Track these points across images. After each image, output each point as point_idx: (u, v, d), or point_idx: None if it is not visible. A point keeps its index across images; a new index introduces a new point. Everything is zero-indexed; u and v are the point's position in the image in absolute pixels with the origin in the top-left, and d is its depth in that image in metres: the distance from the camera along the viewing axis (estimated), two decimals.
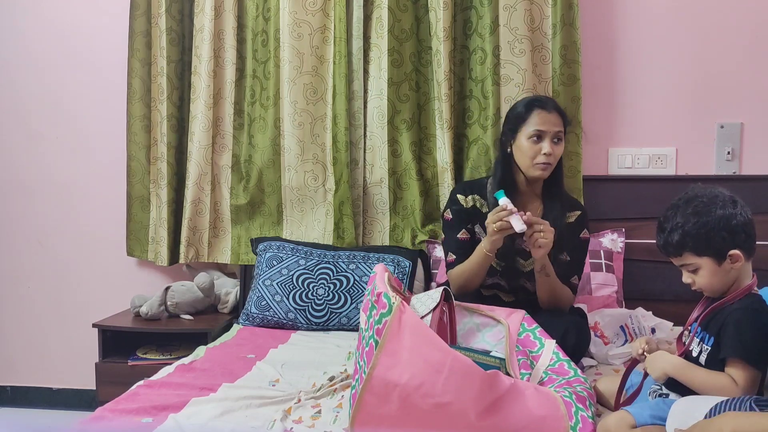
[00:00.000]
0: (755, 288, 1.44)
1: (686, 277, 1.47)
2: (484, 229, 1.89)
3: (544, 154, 1.87)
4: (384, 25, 2.50)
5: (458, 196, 2.05)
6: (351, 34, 2.57)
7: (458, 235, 2.03)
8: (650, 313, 2.25)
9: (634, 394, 1.51)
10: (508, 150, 1.96)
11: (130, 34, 2.71)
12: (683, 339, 1.52)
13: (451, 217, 2.05)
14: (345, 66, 2.54)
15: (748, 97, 2.49)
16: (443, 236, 2.11)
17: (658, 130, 2.56)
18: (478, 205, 2.04)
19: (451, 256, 2.04)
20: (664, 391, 1.47)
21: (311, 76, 2.59)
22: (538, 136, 1.88)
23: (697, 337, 1.45)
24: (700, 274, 1.42)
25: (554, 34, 2.43)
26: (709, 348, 1.40)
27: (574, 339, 1.82)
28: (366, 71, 2.59)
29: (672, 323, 2.19)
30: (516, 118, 1.94)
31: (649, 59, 2.54)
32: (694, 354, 1.44)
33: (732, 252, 1.38)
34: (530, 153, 1.89)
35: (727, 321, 1.38)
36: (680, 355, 1.46)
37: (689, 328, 1.51)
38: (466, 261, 1.96)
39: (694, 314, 1.52)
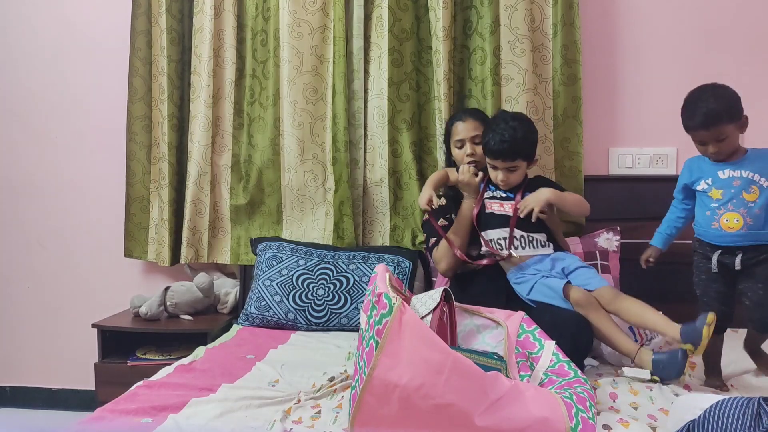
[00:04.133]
0: None
1: (502, 176, 2.04)
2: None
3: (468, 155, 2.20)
4: (384, 24, 2.50)
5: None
6: (351, 33, 2.57)
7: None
8: None
9: None
10: None
11: (131, 33, 2.71)
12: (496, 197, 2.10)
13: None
14: (345, 65, 2.54)
15: (749, 97, 2.48)
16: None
17: (659, 129, 2.55)
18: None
19: (433, 240, 2.22)
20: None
21: (311, 76, 2.59)
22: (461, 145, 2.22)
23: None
24: (518, 173, 2.05)
25: (555, 34, 2.43)
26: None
27: (572, 343, 1.77)
28: (366, 71, 2.58)
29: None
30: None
31: (650, 59, 2.54)
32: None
33: (537, 157, 2.12)
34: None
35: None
36: (515, 210, 2.02)
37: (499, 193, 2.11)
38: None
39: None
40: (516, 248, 2.01)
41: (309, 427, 1.49)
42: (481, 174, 2.12)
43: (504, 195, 2.10)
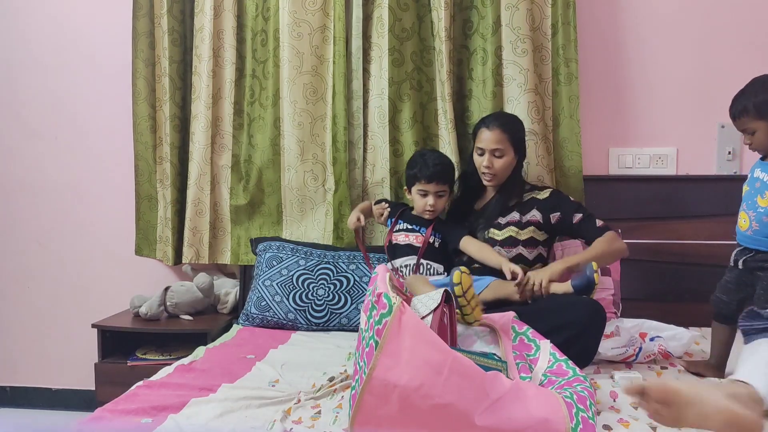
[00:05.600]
0: None
1: (432, 201, 2.22)
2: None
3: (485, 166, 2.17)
4: (384, 24, 2.49)
5: None
6: (351, 33, 2.57)
7: None
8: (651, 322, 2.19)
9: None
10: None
11: (133, 35, 2.71)
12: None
13: None
14: (345, 65, 2.54)
15: None
16: None
17: (659, 129, 2.56)
18: None
19: None
20: None
21: (311, 76, 2.59)
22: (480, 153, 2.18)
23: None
24: (443, 200, 2.26)
25: (554, 34, 2.43)
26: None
27: (584, 329, 1.80)
28: (367, 70, 2.58)
29: (684, 328, 2.13)
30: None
31: (650, 59, 2.54)
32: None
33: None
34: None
35: None
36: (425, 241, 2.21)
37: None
38: None
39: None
40: (422, 274, 2.21)
41: (309, 427, 1.49)
42: (386, 213, 2.36)
43: (410, 227, 2.29)
